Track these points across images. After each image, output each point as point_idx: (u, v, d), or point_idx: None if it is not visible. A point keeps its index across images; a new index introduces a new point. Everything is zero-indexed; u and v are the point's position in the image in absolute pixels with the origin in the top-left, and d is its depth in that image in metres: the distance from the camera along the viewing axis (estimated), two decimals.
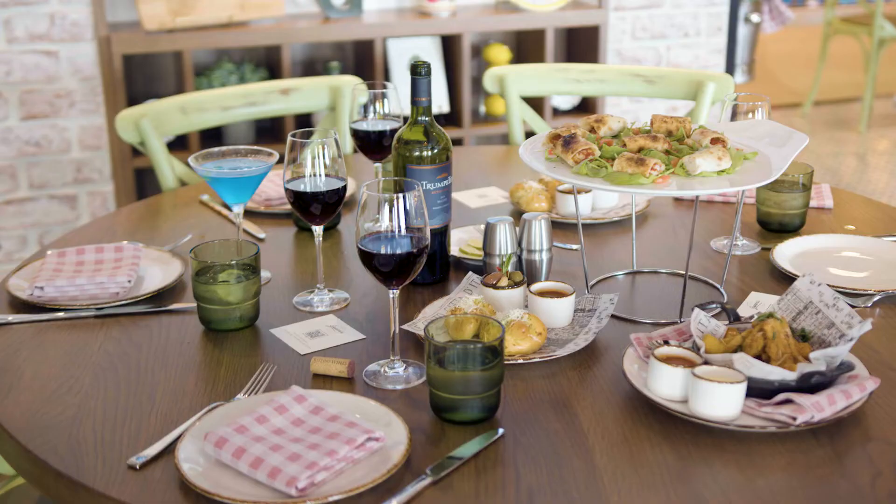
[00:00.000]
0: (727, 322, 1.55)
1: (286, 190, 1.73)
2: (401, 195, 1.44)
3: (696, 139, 1.72)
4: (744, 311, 1.72)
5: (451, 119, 3.76)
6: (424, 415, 1.42)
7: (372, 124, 2.07)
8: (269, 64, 3.70)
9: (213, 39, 3.44)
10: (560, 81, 2.86)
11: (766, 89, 6.74)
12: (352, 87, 2.66)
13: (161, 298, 1.81)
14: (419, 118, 1.78)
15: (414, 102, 1.78)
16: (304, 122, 3.70)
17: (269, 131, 3.72)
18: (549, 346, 1.60)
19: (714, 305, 1.57)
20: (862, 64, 6.95)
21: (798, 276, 1.80)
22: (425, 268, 1.84)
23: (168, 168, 2.50)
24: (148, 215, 2.27)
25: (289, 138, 1.72)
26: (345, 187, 1.73)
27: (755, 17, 4.08)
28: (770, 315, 1.47)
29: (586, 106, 3.88)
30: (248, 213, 2.22)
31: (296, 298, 1.80)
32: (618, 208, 2.18)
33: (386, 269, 1.47)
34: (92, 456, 1.34)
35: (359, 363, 1.56)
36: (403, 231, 1.45)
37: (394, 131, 2.07)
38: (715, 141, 1.69)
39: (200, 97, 2.61)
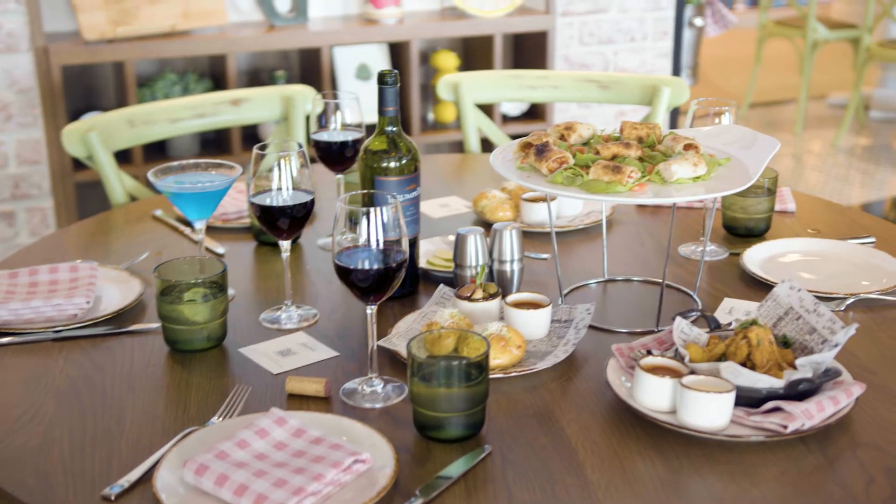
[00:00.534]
0: (708, 330, 1.54)
1: (251, 204, 1.68)
2: (379, 208, 1.40)
3: (668, 145, 1.70)
4: (720, 317, 1.71)
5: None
6: (408, 433, 1.38)
7: (334, 135, 2.03)
8: (213, 74, 3.63)
9: (156, 49, 3.36)
10: (514, 88, 2.84)
11: (704, 92, 6.81)
12: (304, 96, 2.62)
13: (121, 319, 1.74)
14: (386, 128, 1.74)
15: (381, 112, 1.74)
16: (251, 133, 3.63)
17: (213, 143, 3.65)
18: (528, 358, 1.57)
19: (694, 313, 1.55)
20: (796, 66, 7.06)
21: (769, 281, 1.80)
22: None
23: (118, 183, 2.42)
24: (99, 232, 2.20)
25: (254, 150, 1.67)
26: (312, 201, 1.69)
27: (698, 21, 4.11)
28: (753, 322, 1.46)
29: (535, 112, 3.87)
30: (210, 230, 2.15)
31: (263, 316, 1.75)
32: (582, 216, 2.16)
33: (364, 284, 1.43)
34: (62, 487, 1.28)
35: (334, 381, 1.52)
36: (381, 245, 1.41)
37: (356, 142, 2.02)
38: (688, 147, 1.68)
39: (148, 109, 2.54)
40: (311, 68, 3.64)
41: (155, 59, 3.56)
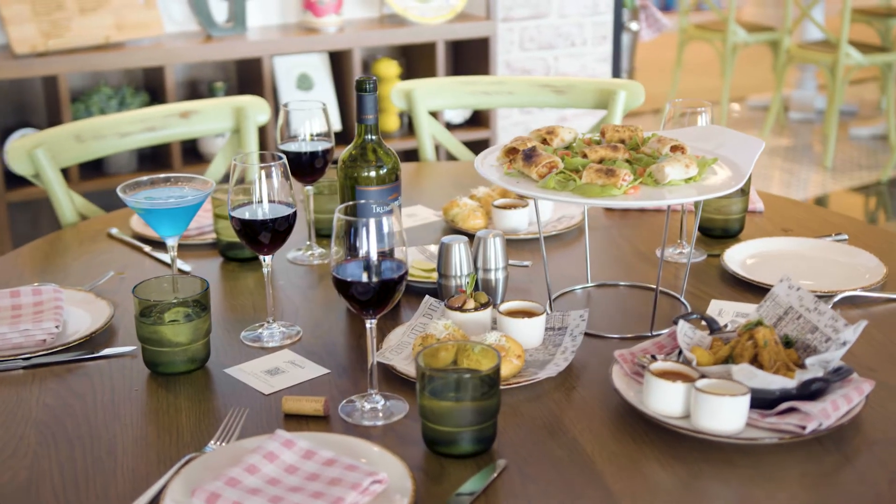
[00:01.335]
0: (708, 332, 1.52)
1: (231, 218, 1.62)
2: (379, 218, 1.35)
3: (653, 147, 1.69)
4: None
5: (344, 137, 3.66)
6: (416, 450, 1.34)
7: (302, 145, 1.97)
8: (149, 86, 3.53)
9: (91, 62, 3.25)
10: (468, 94, 2.81)
11: None
12: (256, 108, 2.55)
13: (93, 343, 1.66)
14: (366, 136, 1.69)
15: (360, 120, 1.69)
16: (191, 148, 3.54)
17: (152, 159, 3.54)
18: (527, 368, 1.53)
19: (694, 316, 1.53)
20: (717, 69, 7.18)
21: (754, 282, 1.80)
22: None
23: (68, 201, 2.32)
24: (53, 253, 2.10)
25: (232, 162, 1.61)
26: (295, 213, 1.63)
27: (634, 26, 4.14)
28: (758, 322, 1.44)
29: (478, 119, 3.84)
30: (163, 246, 2.07)
31: (244, 334, 1.68)
32: (553, 221, 2.14)
33: (364, 297, 1.37)
34: None
35: (330, 399, 1.46)
36: (381, 256, 1.36)
37: (326, 152, 1.97)
38: (675, 148, 1.66)
39: (96, 123, 2.44)
40: (250, 79, 3.56)
41: (87, 72, 3.45)
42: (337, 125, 3.62)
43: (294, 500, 1.17)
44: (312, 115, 1.97)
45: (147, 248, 2.06)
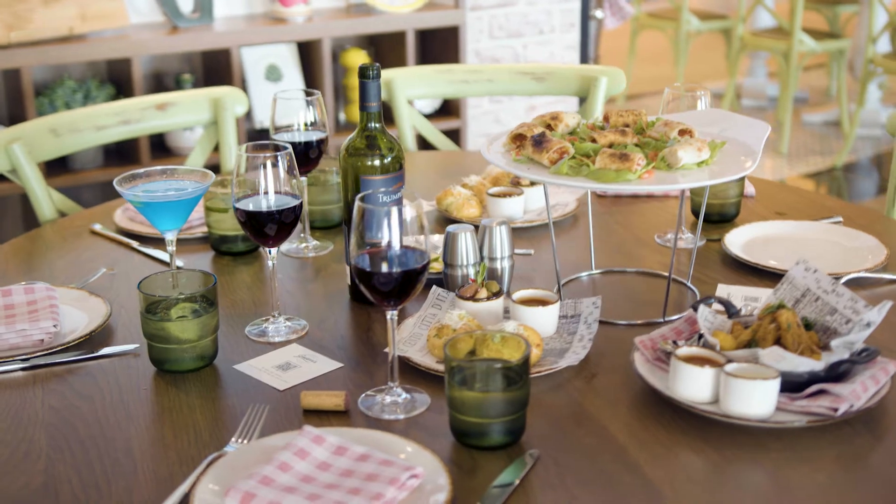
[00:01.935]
0: (727, 317, 1.51)
1: (236, 209, 1.57)
2: (403, 206, 1.32)
3: (660, 131, 1.67)
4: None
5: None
6: (444, 443, 1.31)
7: (297, 135, 1.92)
8: (114, 79, 3.44)
9: (55, 55, 3.16)
10: (447, 83, 2.78)
11: None
12: (234, 99, 2.50)
13: (91, 342, 1.60)
14: (370, 125, 1.66)
15: (363, 108, 1.65)
16: (159, 142, 3.46)
17: (117, 154, 3.46)
18: (545, 357, 1.51)
19: (711, 301, 1.52)
20: (671, 57, 7.22)
21: (760, 266, 1.79)
22: None
23: (46, 197, 2.26)
24: (36, 251, 2.04)
25: (237, 152, 1.56)
26: (301, 205, 1.59)
27: (599, 13, 4.14)
28: (780, 305, 1.44)
29: (448, 109, 3.81)
30: (152, 241, 2.02)
31: (249, 329, 1.64)
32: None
33: (387, 287, 1.34)
34: None
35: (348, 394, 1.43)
36: (405, 245, 1.33)
37: (321, 142, 1.93)
38: (683, 132, 1.65)
39: (72, 117, 2.37)
40: (217, 70, 3.50)
41: (50, 65, 3.36)
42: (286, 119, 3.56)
43: (333, 498, 1.13)
44: (306, 105, 1.93)
45: (135, 244, 2.00)
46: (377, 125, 1.66)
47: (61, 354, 1.55)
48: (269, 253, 1.61)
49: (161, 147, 3.43)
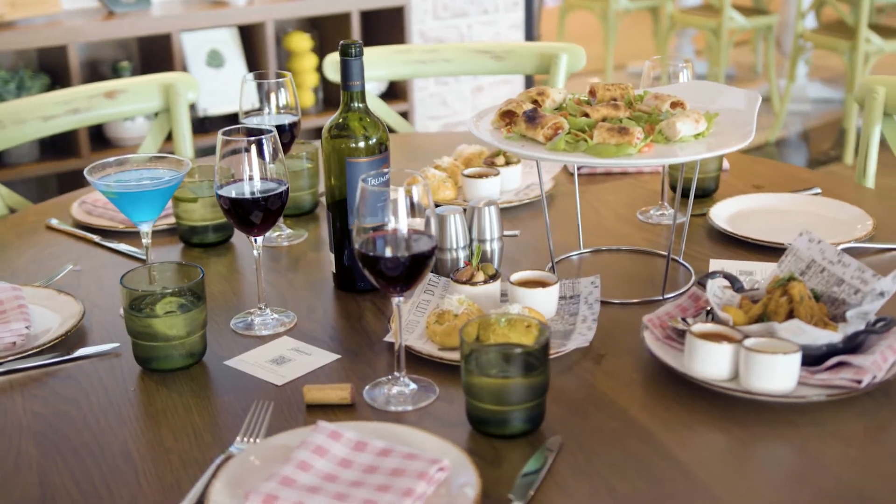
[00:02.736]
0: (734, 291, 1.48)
1: (219, 197, 1.49)
2: (410, 188, 1.26)
3: (650, 104, 1.63)
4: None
5: None
6: (459, 432, 1.25)
7: (268, 119, 1.84)
8: (48, 68, 3.30)
9: None
10: (402, 64, 2.71)
11: None
12: (186, 85, 2.41)
13: (67, 343, 1.51)
14: (353, 104, 1.59)
15: (346, 87, 1.59)
16: (97, 133, 3.33)
17: (52, 146, 3.31)
18: (551, 340, 1.46)
19: (716, 276, 1.49)
20: (600, 37, 7.23)
21: (752, 240, 1.77)
22: None
23: None
24: None
25: (220, 136, 1.48)
26: (287, 190, 1.51)
27: None
28: (791, 278, 1.41)
29: (395, 91, 3.74)
30: (114, 235, 1.93)
31: (234, 322, 1.56)
32: (524, 189, 2.07)
33: (394, 273, 1.28)
34: None
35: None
36: (412, 229, 1.27)
37: (293, 125, 1.85)
38: (675, 105, 1.61)
39: (17, 107, 2.25)
40: (156, 57, 3.37)
41: None
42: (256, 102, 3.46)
43: (361, 496, 1.07)
44: (277, 87, 1.85)
45: (96, 238, 1.91)
46: (360, 105, 1.59)
47: (38, 357, 1.46)
48: (255, 242, 1.53)
49: (101, 138, 3.30)
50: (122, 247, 1.86)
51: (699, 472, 1.17)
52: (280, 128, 1.83)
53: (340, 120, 1.59)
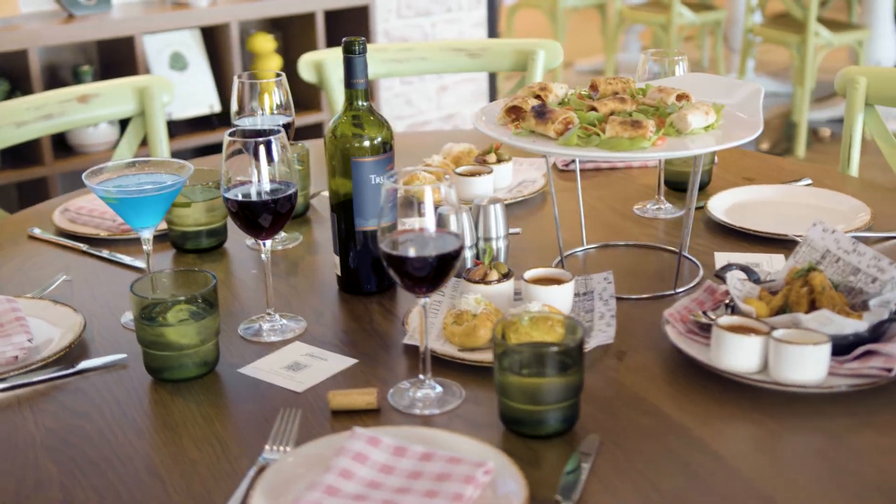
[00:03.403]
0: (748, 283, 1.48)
1: (226, 199, 1.45)
2: (437, 186, 1.23)
3: (654, 97, 1.62)
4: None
5: (225, 119, 3.44)
6: (493, 434, 1.23)
7: (262, 120, 1.80)
8: (6, 73, 3.20)
9: None
10: (379, 63, 2.68)
11: None
12: (161, 87, 2.35)
13: (69, 355, 1.46)
14: (357, 103, 1.56)
15: (350, 85, 1.55)
16: (60, 139, 3.24)
17: (13, 155, 3.22)
18: None
19: (732, 268, 1.48)
20: (548, 35, 7.25)
21: (754, 232, 1.77)
22: (374, 275, 1.62)
23: None
24: None
25: (226, 137, 1.44)
26: (296, 192, 1.48)
27: None
28: (810, 268, 1.41)
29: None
30: (102, 243, 1.87)
31: (242, 329, 1.52)
32: (517, 187, 2.05)
33: (421, 273, 1.25)
34: None
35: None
36: (439, 228, 1.24)
37: (288, 126, 1.81)
38: (680, 97, 1.61)
39: None
40: (117, 61, 3.29)
41: None
42: (217, 106, 3.40)
43: (409, 503, 1.04)
44: (271, 87, 1.81)
45: (83, 247, 1.85)
46: (364, 103, 1.56)
47: (43, 371, 1.40)
48: (264, 245, 1.49)
49: (63, 146, 3.21)
50: (112, 255, 1.80)
51: (740, 465, 1.16)
52: (270, 130, 1.79)
53: (344, 119, 1.56)
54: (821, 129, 5.89)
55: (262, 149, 1.44)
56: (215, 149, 3.46)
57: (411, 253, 1.24)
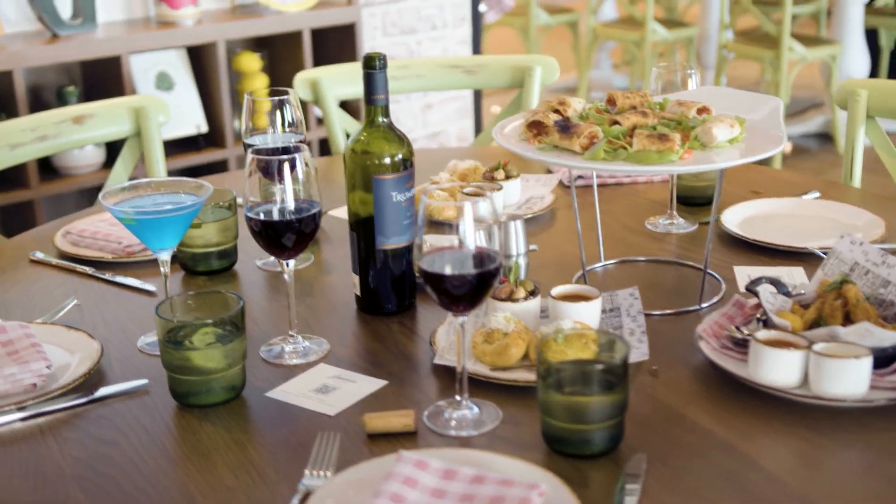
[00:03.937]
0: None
1: (249, 219, 1.42)
2: (475, 202, 1.21)
3: (674, 111, 1.61)
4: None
5: (211, 139, 3.40)
6: (536, 455, 1.21)
7: (274, 139, 1.77)
8: None
9: None
10: None
11: None
12: (157, 107, 2.32)
13: (88, 382, 1.42)
14: (378, 119, 1.53)
15: (370, 101, 1.53)
16: (45, 162, 3.19)
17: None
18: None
19: (763, 282, 1.47)
20: (522, 52, 7.26)
21: (772, 245, 1.76)
22: (394, 293, 1.59)
23: None
24: None
25: (249, 154, 1.41)
26: (320, 211, 1.45)
27: (482, 7, 4.09)
28: (844, 281, 1.40)
29: (347, 109, 3.67)
30: (108, 266, 1.83)
31: (263, 351, 1.49)
32: (524, 203, 2.04)
33: (460, 291, 1.23)
34: None
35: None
36: (478, 246, 1.22)
37: (300, 144, 1.78)
38: (701, 111, 1.60)
39: None
40: (102, 81, 3.25)
41: None
42: (203, 126, 3.36)
43: None
44: (281, 105, 1.78)
45: (90, 270, 1.81)
46: (385, 119, 1.54)
47: (63, 399, 1.36)
48: (287, 266, 1.46)
49: (47, 168, 3.16)
50: (119, 278, 1.76)
51: (791, 480, 1.14)
52: (286, 148, 1.76)
53: (365, 135, 1.54)
54: (795, 144, 5.93)
55: (286, 167, 1.41)
56: (202, 170, 3.42)
57: (449, 271, 1.22)
